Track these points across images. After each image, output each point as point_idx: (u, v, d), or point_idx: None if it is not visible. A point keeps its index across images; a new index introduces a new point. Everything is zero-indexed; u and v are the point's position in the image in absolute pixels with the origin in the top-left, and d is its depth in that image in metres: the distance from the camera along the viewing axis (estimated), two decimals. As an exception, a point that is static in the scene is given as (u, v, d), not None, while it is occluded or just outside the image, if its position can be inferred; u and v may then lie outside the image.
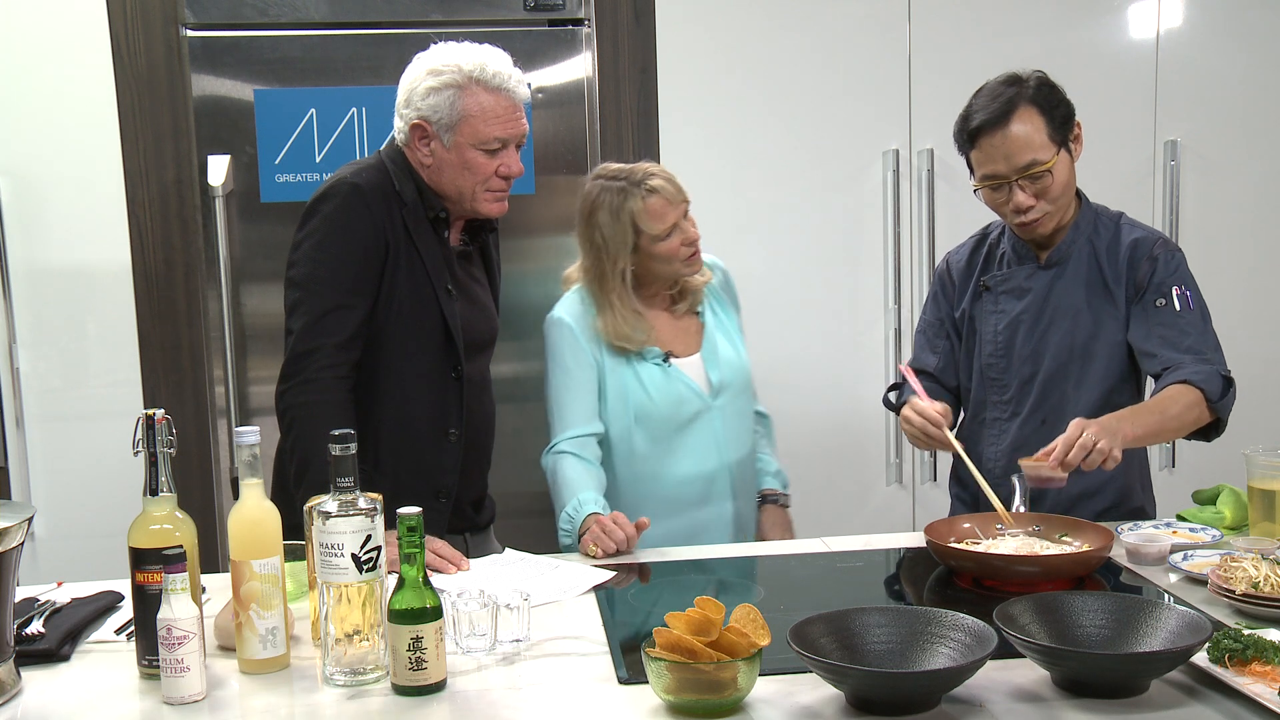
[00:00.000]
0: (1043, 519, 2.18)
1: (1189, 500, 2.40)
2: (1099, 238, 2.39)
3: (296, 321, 2.20)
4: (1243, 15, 3.42)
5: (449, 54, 2.24)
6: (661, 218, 2.43)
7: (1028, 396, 2.40)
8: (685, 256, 2.48)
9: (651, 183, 2.44)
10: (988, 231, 2.52)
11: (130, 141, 3.09)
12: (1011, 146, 2.26)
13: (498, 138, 2.23)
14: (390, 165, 2.27)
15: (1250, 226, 3.49)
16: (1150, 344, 2.31)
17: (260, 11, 2.97)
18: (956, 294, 2.50)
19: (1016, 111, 2.26)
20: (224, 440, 3.07)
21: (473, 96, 2.21)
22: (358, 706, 1.62)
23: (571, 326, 2.49)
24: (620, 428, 2.49)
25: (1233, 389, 2.27)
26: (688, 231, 2.47)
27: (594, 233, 2.47)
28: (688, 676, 1.52)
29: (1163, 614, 1.65)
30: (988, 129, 2.27)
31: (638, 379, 2.49)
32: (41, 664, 1.78)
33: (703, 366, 2.54)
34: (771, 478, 2.69)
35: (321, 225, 2.22)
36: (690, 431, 2.50)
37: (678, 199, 2.46)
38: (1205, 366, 2.25)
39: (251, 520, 1.72)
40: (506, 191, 2.30)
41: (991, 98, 2.29)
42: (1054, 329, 2.38)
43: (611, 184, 2.46)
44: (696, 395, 2.51)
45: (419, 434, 2.29)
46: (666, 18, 3.25)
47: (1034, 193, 2.28)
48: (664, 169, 2.50)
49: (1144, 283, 2.34)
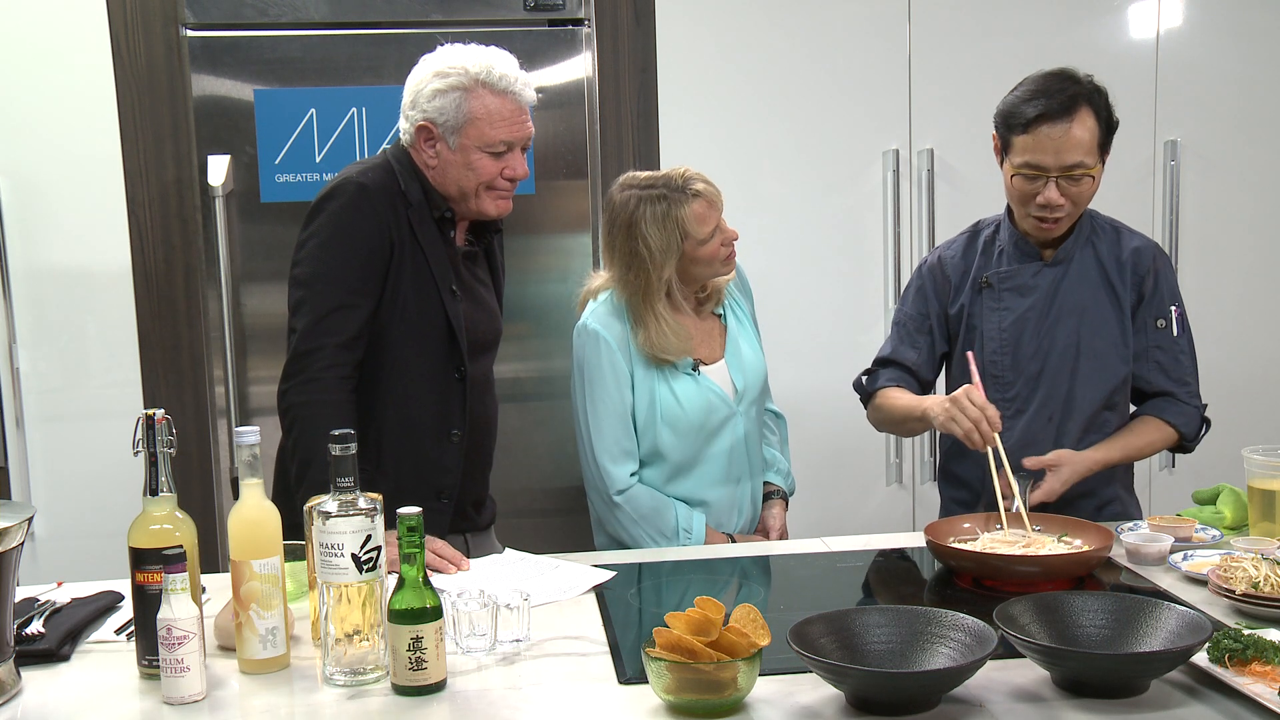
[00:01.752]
0: (1043, 519, 2.18)
1: (1189, 500, 2.40)
2: (1099, 241, 2.41)
3: (300, 320, 2.20)
4: (1243, 15, 3.42)
5: (455, 56, 2.24)
6: (706, 221, 2.41)
7: (1034, 393, 2.39)
8: (724, 257, 2.47)
9: (695, 187, 2.42)
10: (979, 228, 2.50)
11: (130, 141, 3.09)
12: (1066, 143, 2.25)
13: (503, 140, 2.23)
14: (396, 165, 2.27)
15: (1250, 226, 3.49)
16: (1146, 368, 2.41)
17: (260, 11, 2.97)
18: (953, 290, 2.48)
19: (1078, 110, 2.26)
20: (224, 440, 3.07)
21: (479, 99, 2.21)
22: (358, 706, 1.62)
23: (609, 341, 2.43)
24: (648, 436, 2.47)
25: (1207, 426, 2.46)
26: (727, 231, 2.46)
27: (636, 244, 2.40)
28: (688, 676, 1.52)
29: (1163, 614, 1.65)
30: (1048, 119, 2.25)
31: (670, 388, 2.45)
32: (41, 664, 1.78)
33: (727, 372, 2.53)
34: (778, 475, 2.67)
35: (326, 224, 2.21)
36: (717, 438, 2.49)
37: (719, 200, 2.45)
38: (1187, 406, 2.42)
39: (251, 520, 1.72)
40: (511, 192, 2.30)
41: (1052, 89, 2.27)
42: (1060, 326, 2.38)
43: (648, 193, 2.42)
44: (724, 402, 2.49)
45: (422, 434, 2.29)
46: (666, 18, 3.25)
47: (1068, 193, 2.28)
48: (698, 172, 2.47)
49: (1147, 294, 2.39)
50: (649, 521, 2.44)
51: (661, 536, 2.44)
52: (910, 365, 2.50)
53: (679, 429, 2.45)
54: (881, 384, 2.51)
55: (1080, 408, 2.38)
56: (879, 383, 2.52)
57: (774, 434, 2.72)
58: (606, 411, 2.44)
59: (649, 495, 2.46)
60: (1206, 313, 3.25)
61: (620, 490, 2.44)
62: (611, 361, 2.43)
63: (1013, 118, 2.30)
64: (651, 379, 2.45)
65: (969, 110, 3.33)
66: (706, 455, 2.49)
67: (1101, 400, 2.38)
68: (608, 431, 2.44)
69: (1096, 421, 2.39)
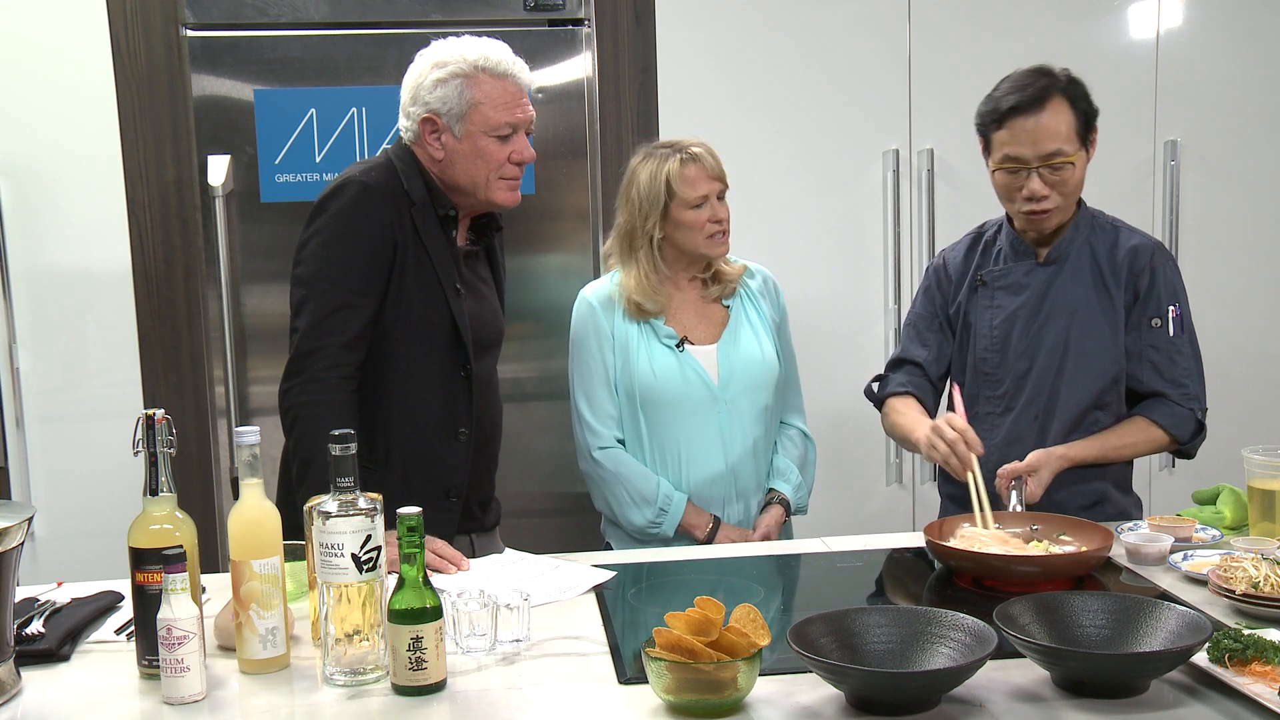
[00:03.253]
0: (1042, 519, 2.18)
1: (1189, 500, 2.40)
2: (1097, 239, 2.42)
3: (302, 320, 2.20)
4: (1243, 15, 3.42)
5: (451, 47, 2.26)
6: (694, 185, 2.48)
7: (1021, 391, 2.41)
8: (710, 234, 2.51)
9: (692, 150, 2.51)
10: (983, 230, 2.53)
11: (130, 141, 3.09)
12: (1041, 133, 2.28)
13: (508, 123, 2.24)
14: (398, 164, 2.27)
15: (1250, 226, 3.49)
16: (1140, 367, 2.39)
17: (260, 11, 2.97)
18: (952, 290, 2.51)
19: (1050, 100, 2.29)
20: (224, 440, 3.07)
21: (480, 84, 2.22)
22: (358, 706, 1.62)
23: (595, 306, 2.56)
24: (627, 405, 2.52)
25: (1203, 432, 2.40)
26: (717, 210, 2.50)
27: (631, 190, 2.54)
28: (688, 676, 1.52)
29: (1163, 614, 1.65)
30: (1020, 111, 2.29)
31: (649, 358, 2.50)
32: (41, 664, 1.78)
33: (716, 358, 2.54)
34: (785, 483, 2.61)
35: (329, 223, 2.21)
36: (696, 420, 2.51)
37: (715, 172, 2.51)
38: (1180, 409, 2.38)
39: (251, 520, 1.72)
40: (519, 180, 2.31)
41: (1025, 83, 2.32)
42: (1050, 325, 2.39)
43: (654, 149, 2.56)
44: (704, 384, 2.51)
45: (429, 433, 2.29)
46: (666, 18, 3.25)
47: (1051, 183, 2.31)
48: (708, 146, 2.55)
49: (1142, 293, 2.39)
50: (630, 483, 2.50)
51: (644, 502, 2.49)
52: (921, 362, 2.52)
53: (652, 400, 2.50)
54: (891, 390, 2.52)
55: (1064, 407, 2.38)
56: (889, 389, 2.53)
57: (795, 448, 2.66)
58: (590, 374, 2.55)
59: (631, 461, 2.53)
60: (1206, 312, 3.24)
61: (602, 447, 2.52)
62: (596, 325, 2.54)
63: (989, 115, 2.35)
64: (634, 346, 2.51)
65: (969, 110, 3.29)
66: (685, 437, 2.51)
67: (1089, 400, 2.38)
68: (592, 393, 2.55)
69: (1084, 421, 2.39)
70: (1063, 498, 2.35)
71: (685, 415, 2.51)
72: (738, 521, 2.57)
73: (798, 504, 2.63)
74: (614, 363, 2.54)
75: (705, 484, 2.53)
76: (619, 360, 2.53)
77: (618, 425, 2.55)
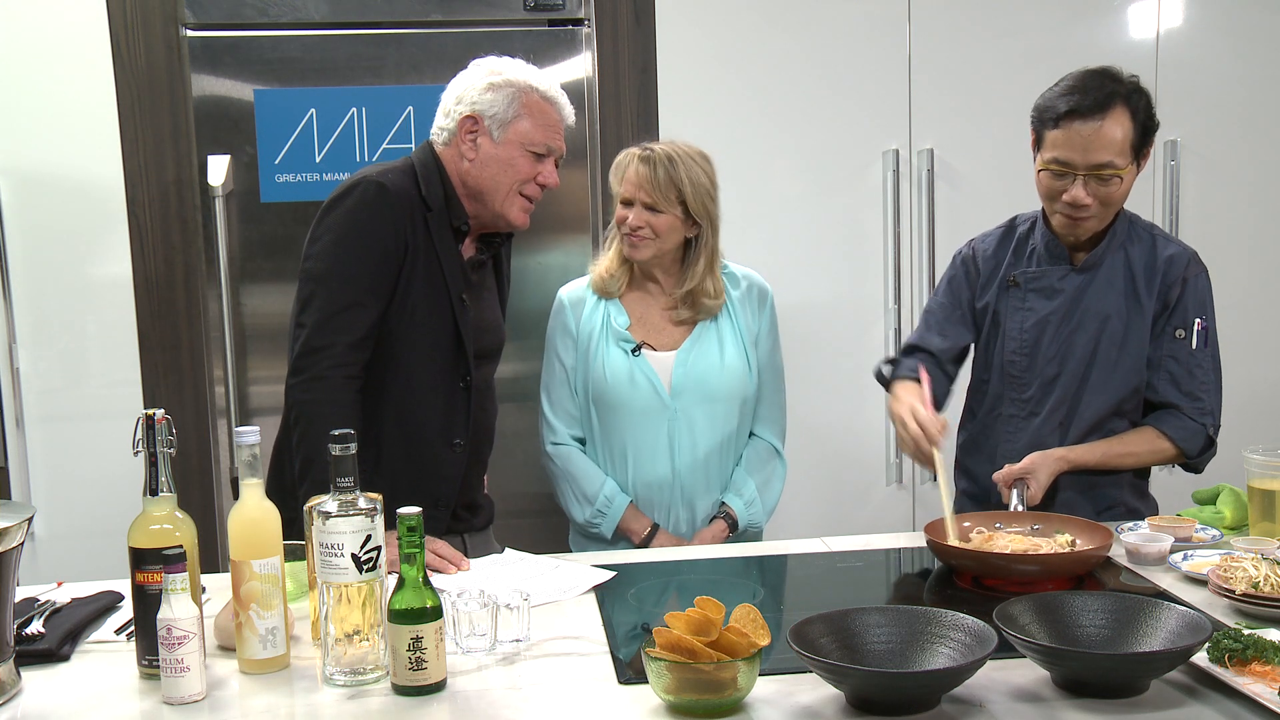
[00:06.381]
0: (1042, 518, 2.18)
1: (1189, 500, 2.40)
2: (1133, 247, 2.36)
3: (309, 316, 2.19)
4: (1243, 15, 3.42)
5: (509, 63, 2.32)
6: (621, 184, 2.53)
7: (1048, 397, 2.38)
8: (622, 232, 2.53)
9: (639, 153, 2.52)
10: (1015, 223, 2.48)
11: (130, 142, 3.09)
12: (1095, 141, 2.21)
13: (545, 144, 2.28)
14: (420, 169, 2.27)
15: (1250, 226, 3.49)
16: (1158, 376, 2.36)
17: (260, 11, 2.97)
18: (981, 284, 2.46)
19: (1112, 109, 2.21)
20: (224, 440, 3.07)
21: (530, 100, 2.27)
22: (358, 706, 1.62)
23: (566, 306, 2.61)
24: (584, 406, 2.56)
25: (1213, 448, 2.37)
26: (631, 216, 2.50)
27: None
28: (688, 676, 1.52)
29: (1163, 614, 1.65)
30: (1078, 115, 2.21)
31: (604, 360, 2.52)
32: (41, 664, 1.78)
33: (673, 364, 2.53)
34: (736, 497, 2.55)
35: (341, 221, 2.21)
36: (644, 426, 2.51)
37: (636, 181, 2.49)
38: (1192, 423, 2.34)
39: (251, 520, 1.72)
40: (534, 205, 2.33)
41: (1088, 85, 2.23)
42: (1081, 333, 2.35)
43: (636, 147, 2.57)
44: (654, 389, 2.51)
45: (424, 442, 2.28)
46: (666, 18, 3.25)
47: (1096, 193, 2.25)
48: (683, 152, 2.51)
49: (1171, 303, 2.34)
50: (575, 481, 2.54)
51: (585, 500, 2.53)
52: (935, 351, 2.48)
53: (603, 401, 2.54)
54: (901, 373, 2.49)
55: (1084, 415, 2.35)
56: (899, 372, 2.50)
57: (758, 462, 2.60)
58: (551, 372, 2.62)
59: (582, 460, 2.57)
60: (1206, 312, 3.25)
61: (555, 443, 2.58)
62: (564, 324, 2.60)
63: (1046, 111, 2.27)
64: (594, 347, 2.55)
65: (969, 110, 3.34)
66: (634, 440, 2.52)
67: (1110, 408, 2.35)
68: (552, 390, 2.61)
69: (1104, 429, 2.36)
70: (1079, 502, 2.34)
71: (634, 419, 2.52)
72: (683, 529, 2.55)
73: (748, 522, 2.56)
74: (575, 363, 2.57)
75: (650, 488, 2.54)
76: (580, 360, 2.57)
77: (577, 423, 2.59)
